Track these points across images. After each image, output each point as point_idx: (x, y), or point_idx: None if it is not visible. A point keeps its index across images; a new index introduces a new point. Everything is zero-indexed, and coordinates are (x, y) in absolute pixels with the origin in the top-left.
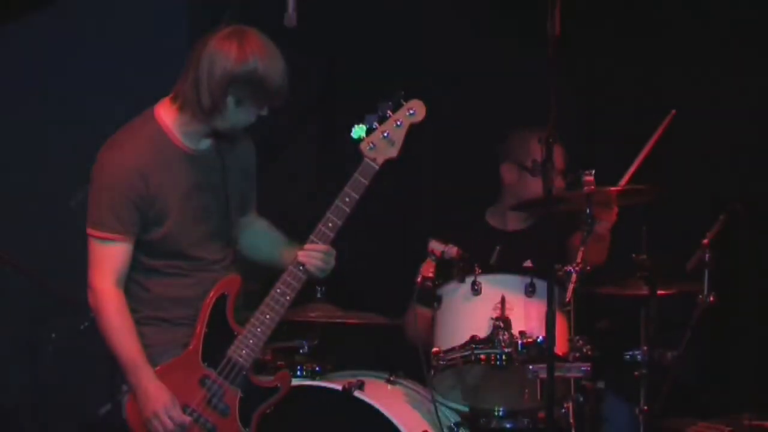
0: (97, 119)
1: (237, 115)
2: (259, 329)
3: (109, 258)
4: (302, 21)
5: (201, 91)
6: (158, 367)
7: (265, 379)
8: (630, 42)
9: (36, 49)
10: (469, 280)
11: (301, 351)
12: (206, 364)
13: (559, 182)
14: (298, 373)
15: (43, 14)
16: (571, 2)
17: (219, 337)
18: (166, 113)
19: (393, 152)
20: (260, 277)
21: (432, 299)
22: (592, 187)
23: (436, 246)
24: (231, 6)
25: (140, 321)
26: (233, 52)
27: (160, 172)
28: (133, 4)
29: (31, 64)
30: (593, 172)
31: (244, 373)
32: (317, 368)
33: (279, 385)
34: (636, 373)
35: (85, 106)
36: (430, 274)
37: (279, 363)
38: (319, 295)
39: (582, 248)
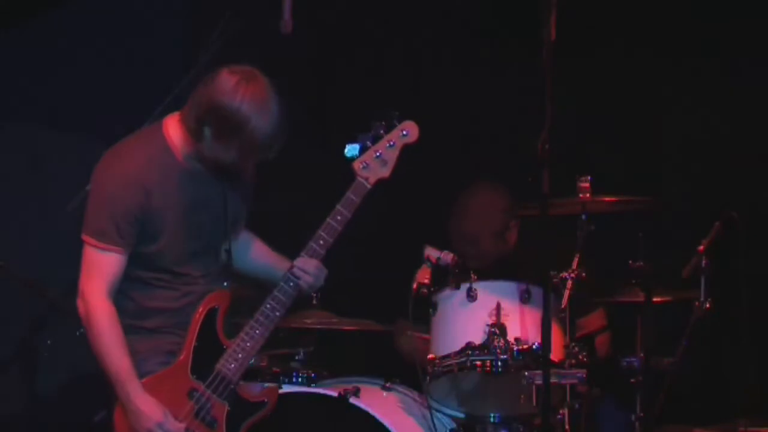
0: (96, 124)
1: (216, 150)
2: (248, 344)
3: (105, 268)
4: (298, 39)
5: (191, 112)
6: (147, 378)
7: (253, 393)
8: (625, 47)
9: (34, 53)
10: (464, 286)
11: (296, 357)
12: (195, 376)
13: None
14: (294, 379)
15: (44, 18)
16: (566, 8)
17: (208, 351)
18: (173, 128)
19: (385, 172)
20: (252, 284)
21: (428, 306)
22: (588, 194)
23: (431, 252)
24: (226, 17)
25: (123, 329)
26: (228, 86)
27: (162, 189)
28: (134, 9)
29: (29, 67)
30: (589, 178)
31: (232, 386)
32: (313, 375)
33: (266, 399)
34: (632, 379)
35: (83, 111)
36: (426, 281)
37: (274, 369)
38: (314, 302)
39: (577, 254)
